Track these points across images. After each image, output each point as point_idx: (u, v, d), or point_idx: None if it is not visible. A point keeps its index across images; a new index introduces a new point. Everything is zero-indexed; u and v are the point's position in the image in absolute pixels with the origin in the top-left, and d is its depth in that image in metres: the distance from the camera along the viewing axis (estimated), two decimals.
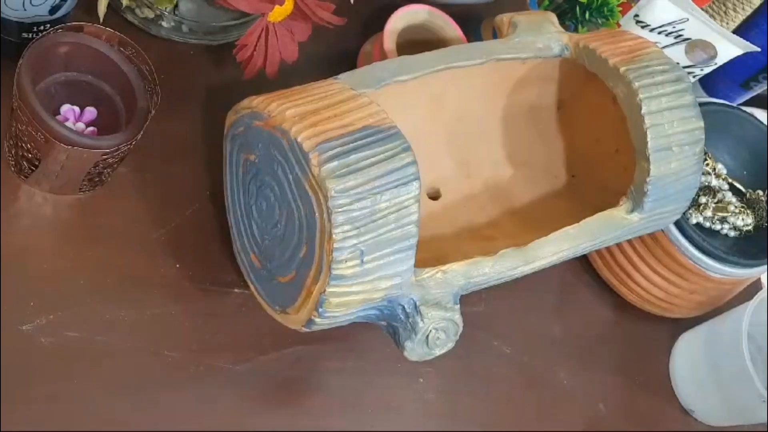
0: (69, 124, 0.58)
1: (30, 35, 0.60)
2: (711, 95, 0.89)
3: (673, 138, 0.62)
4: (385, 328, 0.56)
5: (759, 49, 0.79)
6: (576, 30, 0.77)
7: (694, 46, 0.77)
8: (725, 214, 0.76)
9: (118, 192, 0.63)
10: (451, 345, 0.56)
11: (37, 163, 0.57)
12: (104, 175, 0.60)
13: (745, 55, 0.78)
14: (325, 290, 0.52)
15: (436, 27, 0.74)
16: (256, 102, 0.55)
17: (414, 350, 0.55)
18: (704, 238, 0.73)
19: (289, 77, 0.63)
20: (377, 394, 0.65)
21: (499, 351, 0.71)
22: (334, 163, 0.50)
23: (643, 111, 0.61)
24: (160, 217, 0.64)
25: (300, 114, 0.52)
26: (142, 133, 0.57)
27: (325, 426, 0.63)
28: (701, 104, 0.69)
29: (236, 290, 0.64)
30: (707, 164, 0.78)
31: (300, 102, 0.53)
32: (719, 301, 0.79)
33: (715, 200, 0.77)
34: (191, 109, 0.69)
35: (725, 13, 0.97)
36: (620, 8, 0.75)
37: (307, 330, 0.55)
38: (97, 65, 0.59)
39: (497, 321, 0.72)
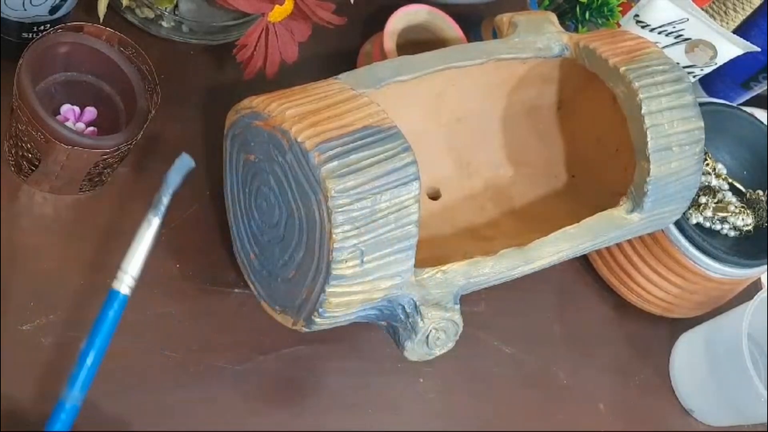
0: (69, 124, 0.58)
1: (30, 35, 0.60)
2: (711, 95, 0.89)
3: (673, 138, 0.62)
4: (385, 328, 0.56)
5: (759, 49, 0.79)
6: (576, 30, 0.77)
7: (694, 46, 0.77)
8: (725, 214, 0.76)
9: (118, 192, 0.63)
10: (451, 345, 0.56)
11: (37, 163, 0.57)
12: (104, 175, 0.60)
13: (745, 55, 0.78)
14: (325, 290, 0.52)
15: (436, 27, 0.74)
16: (256, 102, 0.55)
17: (414, 350, 0.55)
18: (704, 238, 0.73)
19: (289, 77, 0.63)
20: (377, 394, 0.65)
21: (499, 351, 0.71)
22: (334, 163, 0.50)
23: (643, 111, 0.61)
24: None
25: (300, 114, 0.52)
26: (142, 133, 0.57)
27: (326, 426, 0.63)
28: (701, 104, 0.69)
29: (236, 290, 0.64)
30: (707, 164, 0.78)
31: (300, 102, 0.53)
32: (719, 301, 0.79)
33: (715, 200, 0.77)
34: (191, 109, 0.69)
35: (725, 13, 0.97)
36: (620, 8, 0.75)
37: (307, 330, 0.55)
38: (97, 65, 0.59)
39: (497, 321, 0.72)
